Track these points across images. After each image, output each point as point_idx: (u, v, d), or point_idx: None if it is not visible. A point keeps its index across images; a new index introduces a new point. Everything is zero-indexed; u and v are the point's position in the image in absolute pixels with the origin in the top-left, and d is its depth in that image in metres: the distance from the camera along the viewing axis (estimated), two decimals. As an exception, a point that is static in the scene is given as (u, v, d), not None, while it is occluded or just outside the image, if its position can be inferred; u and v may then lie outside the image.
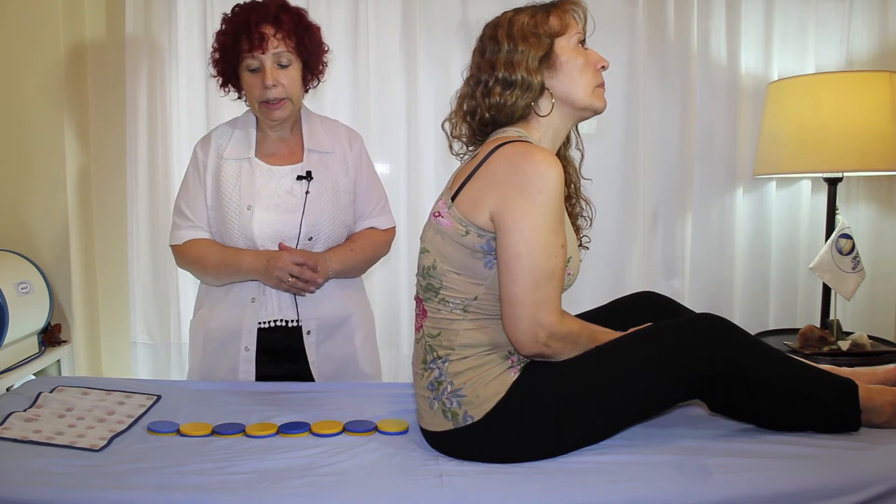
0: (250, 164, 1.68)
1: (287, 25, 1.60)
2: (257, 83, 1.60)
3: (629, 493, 1.11)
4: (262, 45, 1.57)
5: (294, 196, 1.67)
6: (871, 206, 2.71)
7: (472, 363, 1.24)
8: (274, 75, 1.59)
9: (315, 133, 1.74)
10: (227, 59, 1.63)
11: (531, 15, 1.28)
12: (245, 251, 1.64)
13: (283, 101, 1.62)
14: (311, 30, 1.66)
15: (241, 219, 1.64)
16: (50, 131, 2.21)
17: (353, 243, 1.75)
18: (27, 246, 2.21)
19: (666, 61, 2.57)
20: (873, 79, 2.25)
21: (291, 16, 1.62)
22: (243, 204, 1.65)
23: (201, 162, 1.70)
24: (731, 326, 1.26)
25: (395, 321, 2.57)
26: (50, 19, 2.18)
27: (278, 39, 1.58)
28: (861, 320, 2.74)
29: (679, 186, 2.61)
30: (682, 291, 2.62)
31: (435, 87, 2.50)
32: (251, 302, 1.67)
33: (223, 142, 1.71)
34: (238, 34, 1.59)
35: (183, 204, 1.71)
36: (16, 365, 2.00)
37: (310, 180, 1.67)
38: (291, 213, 1.65)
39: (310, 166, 1.69)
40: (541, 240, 1.16)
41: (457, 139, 1.38)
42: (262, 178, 1.67)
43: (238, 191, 1.66)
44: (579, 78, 1.29)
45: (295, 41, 1.62)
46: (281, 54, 1.60)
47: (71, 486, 1.12)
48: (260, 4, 1.61)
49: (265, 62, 1.59)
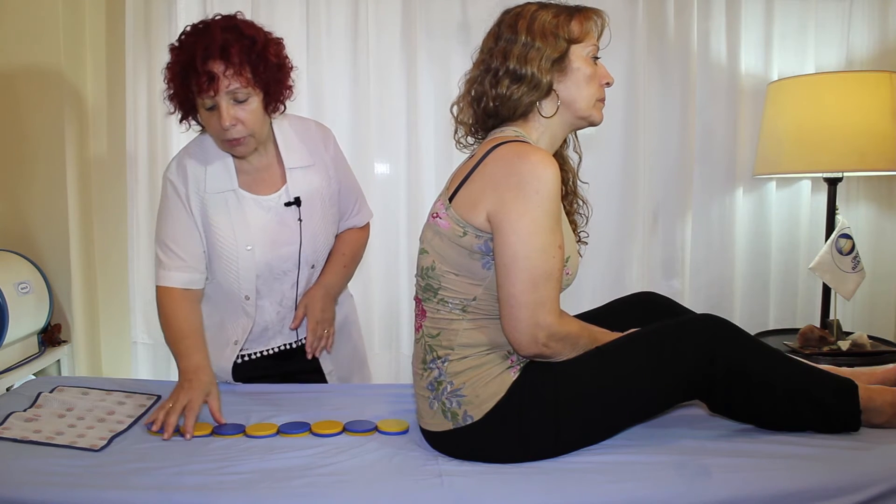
0: (236, 196, 1.55)
1: (237, 57, 1.39)
2: (215, 122, 1.43)
3: (629, 493, 1.11)
4: (213, 85, 1.38)
5: (287, 226, 1.57)
6: (871, 206, 2.72)
7: (471, 363, 1.24)
8: (231, 114, 1.41)
9: (291, 147, 1.60)
10: (180, 96, 1.46)
11: (555, 14, 1.28)
12: (192, 355, 1.48)
13: (244, 139, 1.46)
14: (267, 56, 1.44)
15: (240, 260, 1.54)
16: (50, 131, 2.21)
17: (344, 256, 1.69)
18: (27, 246, 2.21)
19: (666, 61, 2.57)
20: (873, 79, 2.25)
21: (241, 44, 1.40)
22: (240, 244, 1.54)
23: (182, 194, 1.54)
24: (731, 327, 1.26)
25: (395, 321, 2.57)
26: (50, 19, 2.18)
27: (229, 77, 1.39)
28: (861, 320, 2.74)
29: (679, 186, 2.61)
30: (682, 291, 2.62)
31: (435, 87, 2.50)
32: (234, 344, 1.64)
33: (200, 173, 1.55)
34: (186, 73, 1.40)
35: (169, 240, 1.54)
36: (16, 365, 2.00)
37: (299, 206, 1.57)
38: (288, 246, 1.58)
39: (295, 188, 1.58)
40: (538, 241, 1.16)
41: (462, 124, 1.38)
42: (253, 212, 1.55)
43: (232, 230, 1.54)
44: (585, 87, 1.29)
45: (250, 72, 1.41)
46: (236, 91, 1.40)
47: (71, 486, 1.12)
48: (205, 33, 1.40)
49: (219, 101, 1.40)
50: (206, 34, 1.40)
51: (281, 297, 1.63)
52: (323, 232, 1.63)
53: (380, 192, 2.52)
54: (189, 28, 1.44)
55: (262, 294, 1.61)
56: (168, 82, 1.46)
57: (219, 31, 1.39)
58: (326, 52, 2.46)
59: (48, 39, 2.18)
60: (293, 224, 1.58)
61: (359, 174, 2.46)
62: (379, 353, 2.57)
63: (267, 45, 1.44)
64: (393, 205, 2.55)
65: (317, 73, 2.45)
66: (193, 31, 1.42)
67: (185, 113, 1.49)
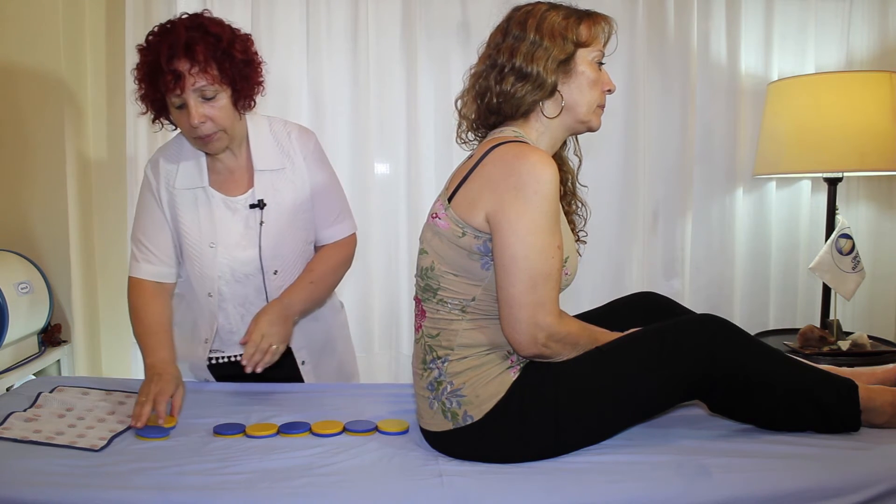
0: (205, 194, 1.56)
1: (202, 55, 1.39)
2: (185, 120, 1.44)
3: (629, 493, 1.11)
4: (180, 84, 1.39)
5: (251, 228, 1.57)
6: (871, 206, 2.72)
7: (471, 363, 1.24)
8: (199, 111, 1.42)
9: (263, 149, 1.58)
10: (150, 96, 1.46)
11: (565, 16, 1.28)
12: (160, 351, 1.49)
13: (215, 135, 1.47)
14: (233, 52, 1.44)
15: (203, 257, 1.56)
16: (50, 131, 2.21)
17: (313, 273, 1.61)
18: (27, 246, 2.21)
19: (666, 61, 2.57)
20: (873, 79, 2.25)
21: (206, 42, 1.40)
22: (204, 241, 1.55)
23: (154, 188, 1.57)
24: (731, 327, 1.26)
25: (395, 321, 2.57)
26: (50, 19, 2.18)
27: (195, 74, 1.39)
28: (861, 320, 2.74)
29: (679, 186, 2.61)
30: (682, 291, 2.62)
31: (435, 87, 2.50)
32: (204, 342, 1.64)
33: (171, 169, 1.57)
34: (153, 73, 1.41)
35: (140, 234, 1.58)
36: (16, 365, 2.00)
37: (262, 208, 1.56)
38: (250, 249, 1.57)
39: (262, 191, 1.56)
40: (537, 241, 1.16)
41: (465, 119, 1.38)
42: (220, 211, 1.56)
43: (198, 226, 1.55)
44: (588, 92, 1.29)
45: (216, 69, 1.41)
46: (203, 88, 1.41)
47: (71, 486, 1.12)
48: (170, 32, 1.41)
49: (187, 99, 1.41)
50: (171, 33, 1.40)
51: (244, 301, 1.61)
52: (289, 238, 1.60)
53: (380, 192, 2.53)
54: (156, 28, 1.44)
55: (225, 296, 1.60)
56: (138, 83, 1.46)
57: (183, 30, 1.40)
58: (326, 52, 2.46)
59: (48, 40, 2.18)
60: (256, 227, 1.57)
61: (359, 174, 2.49)
62: (379, 353, 2.57)
63: (233, 42, 1.45)
64: (393, 205, 2.55)
65: (317, 73, 2.45)
66: (160, 30, 1.43)
67: (156, 113, 1.50)
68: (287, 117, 2.45)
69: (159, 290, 1.59)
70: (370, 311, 2.53)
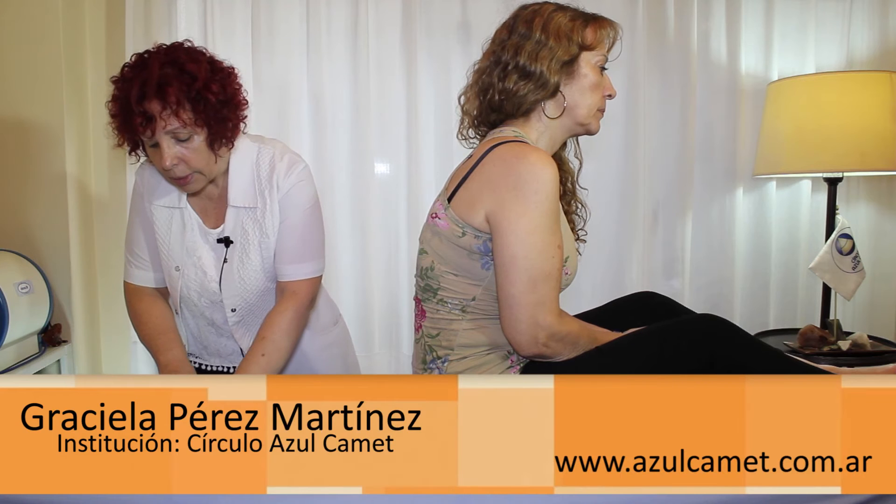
0: (182, 216, 1.51)
1: (175, 96, 1.30)
2: (158, 159, 1.37)
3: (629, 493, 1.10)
4: (151, 126, 1.32)
5: (218, 261, 1.52)
6: (871, 206, 2.72)
7: (471, 363, 1.24)
8: (172, 153, 1.35)
9: (240, 183, 1.49)
10: (124, 132, 1.39)
11: (571, 18, 1.29)
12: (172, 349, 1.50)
13: (190, 176, 1.40)
14: (207, 95, 1.34)
15: (171, 277, 1.54)
16: (50, 131, 2.21)
17: (264, 342, 1.46)
18: (27, 246, 2.21)
19: (666, 61, 2.57)
20: (873, 79, 2.25)
21: (181, 82, 1.31)
22: (172, 262, 1.52)
23: (140, 194, 1.55)
24: (730, 327, 1.25)
25: (395, 321, 2.57)
26: (50, 19, 2.18)
27: (166, 118, 1.31)
28: (861, 320, 2.74)
29: (679, 186, 2.61)
30: (682, 291, 2.62)
31: (435, 87, 2.50)
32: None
33: (154, 183, 1.52)
34: (126, 111, 1.34)
35: (133, 243, 1.57)
36: (16, 365, 2.00)
37: (227, 246, 1.50)
38: (212, 283, 1.52)
39: (230, 227, 1.50)
40: (537, 241, 1.16)
41: (467, 114, 1.38)
42: (193, 237, 1.51)
43: (168, 247, 1.52)
44: (589, 95, 1.30)
45: (190, 112, 1.33)
46: (176, 130, 1.33)
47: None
48: (143, 68, 1.33)
49: (160, 141, 1.34)
50: (145, 70, 1.33)
51: (210, 322, 1.59)
52: (253, 281, 1.52)
53: (380, 192, 2.52)
54: (132, 58, 1.38)
55: (188, 317, 1.61)
56: (111, 117, 1.40)
57: (157, 67, 1.32)
58: (326, 52, 2.46)
59: (48, 39, 2.18)
60: (219, 263, 1.52)
61: (359, 174, 2.49)
62: (379, 353, 2.57)
63: (209, 82, 1.35)
64: (393, 205, 2.55)
65: (317, 73, 2.45)
66: (135, 64, 1.37)
67: (132, 146, 1.44)
68: (287, 117, 2.47)
69: (157, 294, 1.59)
70: (370, 311, 2.53)
